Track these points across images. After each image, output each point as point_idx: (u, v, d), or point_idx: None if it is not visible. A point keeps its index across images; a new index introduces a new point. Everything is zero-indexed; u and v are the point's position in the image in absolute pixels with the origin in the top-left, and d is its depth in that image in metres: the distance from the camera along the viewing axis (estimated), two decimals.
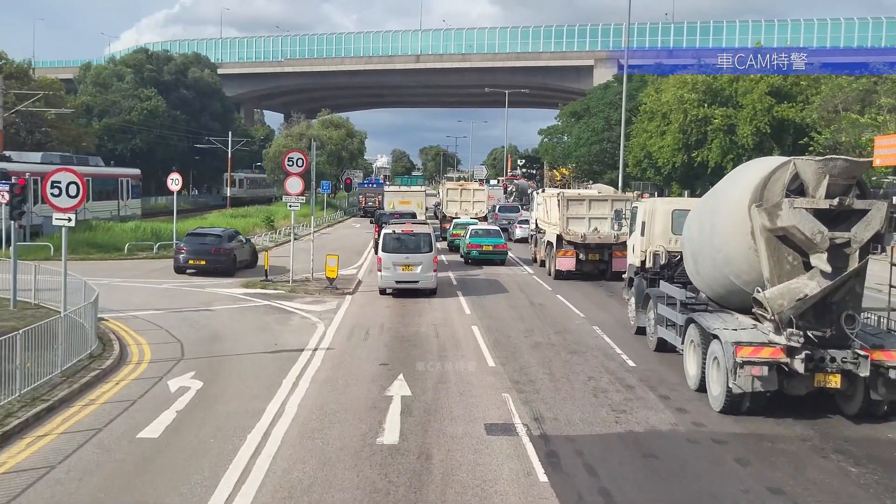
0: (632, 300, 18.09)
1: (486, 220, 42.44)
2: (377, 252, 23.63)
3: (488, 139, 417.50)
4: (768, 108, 44.92)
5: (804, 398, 11.49)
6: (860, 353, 10.86)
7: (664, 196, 48.45)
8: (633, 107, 56.06)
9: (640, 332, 17.11)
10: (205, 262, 26.54)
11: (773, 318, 11.04)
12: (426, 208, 50.78)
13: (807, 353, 10.87)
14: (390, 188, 59.37)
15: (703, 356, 12.29)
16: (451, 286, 25.25)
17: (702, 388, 12.41)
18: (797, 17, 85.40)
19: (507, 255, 32.38)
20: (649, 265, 17.81)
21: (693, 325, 12.99)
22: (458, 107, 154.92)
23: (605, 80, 74.28)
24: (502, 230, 35.97)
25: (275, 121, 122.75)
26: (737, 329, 11.76)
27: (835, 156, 11.14)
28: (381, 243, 22.91)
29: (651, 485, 9.01)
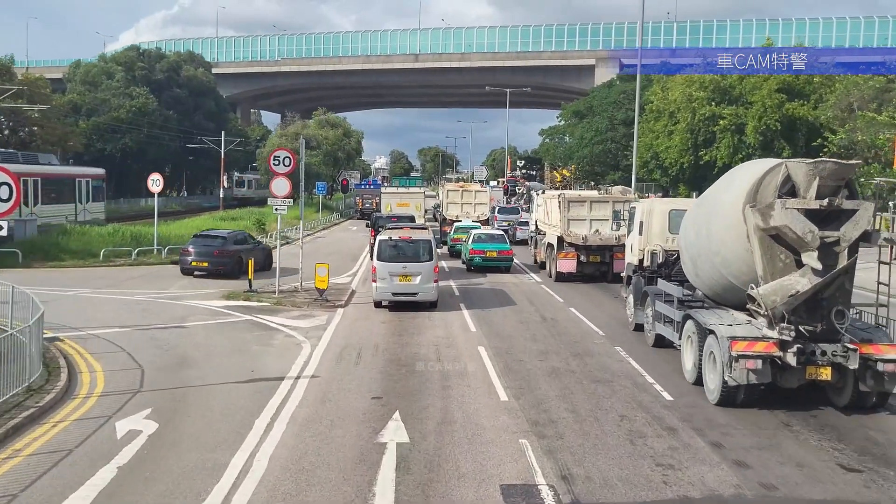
0: (630, 298, 18.44)
1: (488, 223, 40.23)
2: (372, 259, 21.44)
3: (488, 140, 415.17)
4: (779, 104, 42.94)
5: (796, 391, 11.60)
6: (849, 346, 11.21)
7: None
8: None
9: (639, 328, 17.50)
10: (207, 263, 25.89)
11: (766, 313, 11.45)
12: (425, 210, 48.55)
13: (798, 346, 11.19)
14: (387, 189, 56.72)
15: (700, 351, 12.72)
16: (454, 297, 23.04)
17: (698, 382, 12.79)
18: (801, 17, 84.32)
19: (512, 262, 29.90)
20: (647, 264, 18.44)
21: (690, 321, 13.42)
22: (458, 107, 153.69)
23: (607, 80, 72.52)
24: (503, 233, 33.67)
25: (272, 121, 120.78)
26: (732, 324, 12.18)
27: (824, 158, 11.52)
28: (377, 250, 20.68)
29: None
